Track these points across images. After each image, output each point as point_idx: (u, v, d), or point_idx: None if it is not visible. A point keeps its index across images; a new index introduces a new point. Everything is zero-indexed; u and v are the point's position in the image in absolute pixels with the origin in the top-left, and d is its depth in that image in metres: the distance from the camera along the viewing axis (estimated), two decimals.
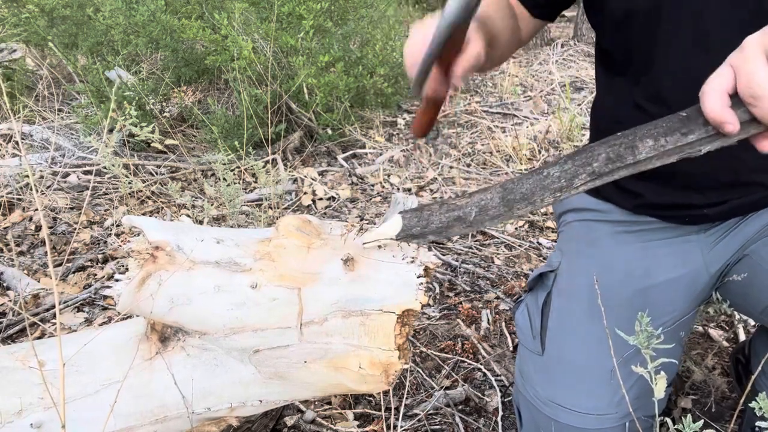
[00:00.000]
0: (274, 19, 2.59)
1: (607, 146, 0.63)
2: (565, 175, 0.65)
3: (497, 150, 2.82)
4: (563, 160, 0.66)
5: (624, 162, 0.62)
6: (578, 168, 0.65)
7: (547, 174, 0.66)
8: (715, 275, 0.98)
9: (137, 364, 0.82)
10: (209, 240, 0.81)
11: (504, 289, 1.77)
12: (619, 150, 0.63)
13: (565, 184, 0.65)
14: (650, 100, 0.88)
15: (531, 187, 0.67)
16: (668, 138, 0.60)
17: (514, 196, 0.68)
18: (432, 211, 0.71)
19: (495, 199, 0.69)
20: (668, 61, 0.84)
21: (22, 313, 1.53)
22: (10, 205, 2.17)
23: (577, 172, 0.65)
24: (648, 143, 0.61)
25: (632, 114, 0.90)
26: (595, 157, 0.64)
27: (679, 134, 0.60)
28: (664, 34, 0.83)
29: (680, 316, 0.96)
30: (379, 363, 0.73)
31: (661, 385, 0.71)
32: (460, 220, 0.70)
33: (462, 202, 0.70)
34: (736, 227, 0.95)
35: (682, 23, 0.81)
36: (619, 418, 0.90)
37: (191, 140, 2.91)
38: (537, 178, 0.67)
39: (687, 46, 0.81)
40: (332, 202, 2.39)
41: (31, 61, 3.64)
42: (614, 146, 0.63)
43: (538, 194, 0.66)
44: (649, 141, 0.61)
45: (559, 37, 5.82)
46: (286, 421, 1.24)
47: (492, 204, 0.69)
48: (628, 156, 0.62)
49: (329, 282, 0.75)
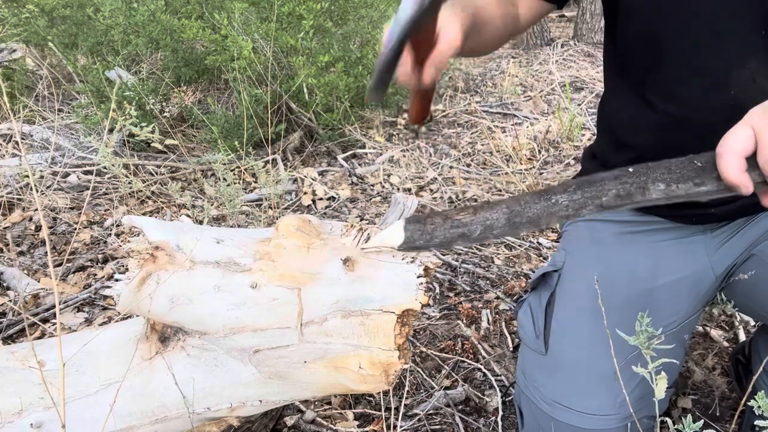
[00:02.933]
0: (274, 19, 2.59)
1: (618, 183, 0.64)
2: (573, 205, 0.66)
3: (497, 150, 2.82)
4: (573, 189, 0.66)
5: (632, 200, 0.63)
6: (587, 200, 0.65)
7: (556, 201, 0.66)
8: (720, 276, 0.97)
9: (137, 364, 0.82)
10: (209, 240, 0.81)
11: (504, 289, 1.77)
12: (630, 189, 0.63)
13: (572, 213, 0.66)
14: (661, 97, 0.87)
15: (538, 212, 0.67)
16: (680, 185, 0.61)
17: (521, 219, 0.68)
18: (436, 225, 0.71)
19: (501, 220, 0.69)
20: (680, 58, 0.83)
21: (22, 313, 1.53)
22: (10, 205, 2.17)
23: (586, 203, 0.65)
24: (659, 187, 0.62)
25: (643, 111, 0.90)
26: (605, 192, 0.65)
27: (691, 183, 0.61)
28: (676, 31, 0.82)
29: (685, 318, 0.96)
30: (379, 363, 0.73)
31: (661, 386, 0.71)
32: (464, 237, 0.70)
33: (467, 219, 0.69)
34: (742, 228, 0.95)
35: (694, 20, 0.80)
36: (621, 419, 0.89)
37: (191, 140, 2.91)
38: (545, 204, 0.67)
39: (700, 43, 0.81)
40: (332, 202, 2.38)
41: (31, 61, 3.64)
42: (625, 184, 0.64)
43: (544, 219, 0.67)
44: (660, 185, 0.62)
45: (559, 37, 5.82)
46: (286, 421, 1.24)
47: (497, 224, 0.69)
48: (638, 195, 0.63)
49: (329, 282, 0.75)
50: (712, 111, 0.82)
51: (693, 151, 0.64)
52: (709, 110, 0.82)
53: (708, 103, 0.82)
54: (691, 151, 0.85)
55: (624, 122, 0.96)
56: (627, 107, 0.96)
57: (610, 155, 0.99)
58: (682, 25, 0.82)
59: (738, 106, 0.79)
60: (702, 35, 0.80)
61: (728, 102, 0.80)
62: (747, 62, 0.78)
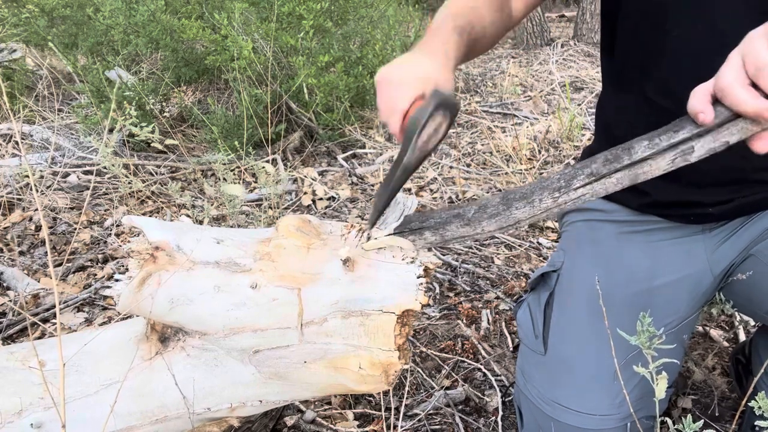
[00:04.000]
0: (274, 19, 2.59)
1: (606, 151, 0.67)
2: (564, 177, 0.68)
3: (497, 150, 2.82)
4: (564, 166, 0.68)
5: (621, 162, 0.66)
6: (577, 170, 0.68)
7: (548, 177, 0.69)
8: (719, 276, 0.97)
9: (137, 364, 0.82)
10: (209, 240, 0.81)
11: (504, 289, 1.77)
12: (617, 152, 0.66)
13: (563, 185, 0.67)
14: (661, 93, 0.87)
15: (530, 188, 0.70)
16: (662, 137, 0.64)
17: (514, 195, 0.70)
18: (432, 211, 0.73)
19: (495, 199, 0.71)
20: (680, 54, 0.84)
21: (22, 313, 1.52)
22: (10, 205, 2.17)
23: (576, 173, 0.68)
24: (643, 143, 0.65)
25: (642, 108, 0.90)
26: (594, 159, 0.67)
27: (671, 132, 0.64)
28: (677, 29, 0.83)
29: (684, 318, 0.96)
30: (379, 363, 0.73)
31: (662, 386, 0.71)
32: (459, 217, 0.72)
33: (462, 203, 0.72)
34: (740, 227, 0.95)
35: (694, 16, 0.81)
36: (620, 419, 0.89)
37: (191, 140, 2.91)
38: (537, 181, 0.70)
39: (699, 39, 0.81)
40: (332, 202, 2.38)
41: (31, 61, 3.64)
42: (612, 150, 0.67)
43: (537, 194, 0.69)
44: (644, 141, 0.65)
45: (559, 37, 5.82)
46: (286, 421, 1.24)
47: (492, 203, 0.71)
48: (625, 156, 0.65)
49: (329, 282, 0.75)
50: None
51: None
52: None
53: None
54: None
55: (621, 120, 0.96)
56: (624, 105, 0.96)
57: None
58: (682, 24, 0.82)
59: None
60: (701, 33, 0.81)
61: None
62: None
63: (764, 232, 0.93)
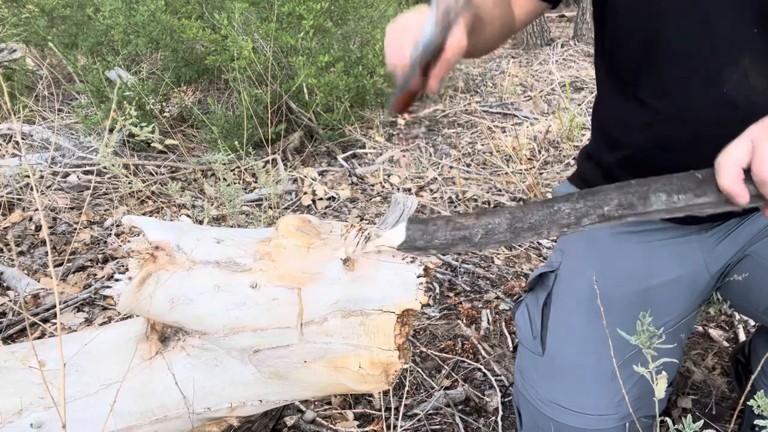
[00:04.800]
0: (274, 19, 2.59)
1: (620, 192, 0.65)
2: (575, 213, 0.67)
3: (497, 150, 2.82)
4: (575, 198, 0.67)
5: (634, 210, 0.65)
6: (589, 209, 0.66)
7: (558, 209, 0.67)
8: (715, 276, 0.98)
9: (137, 364, 0.82)
10: (209, 240, 0.81)
11: (504, 289, 1.77)
12: (632, 199, 0.65)
13: (573, 222, 0.67)
14: (653, 95, 0.87)
15: (540, 219, 0.68)
16: (681, 196, 0.63)
17: (522, 224, 0.69)
18: (438, 227, 0.71)
19: (503, 225, 0.70)
20: (673, 56, 0.83)
21: (22, 313, 1.53)
22: (10, 205, 2.17)
23: (588, 212, 0.66)
24: (661, 197, 0.64)
25: (634, 110, 0.90)
26: (607, 201, 0.66)
27: (692, 194, 0.63)
28: (669, 28, 0.82)
29: (681, 317, 0.96)
30: (379, 363, 0.74)
31: (661, 385, 0.71)
32: (465, 240, 0.70)
33: (469, 222, 0.70)
34: (736, 228, 0.95)
35: (687, 18, 0.80)
36: (619, 419, 0.90)
37: (191, 140, 2.91)
38: (547, 212, 0.68)
39: (693, 41, 0.81)
40: (332, 202, 2.39)
41: (31, 61, 3.64)
42: (627, 194, 0.65)
43: (545, 227, 0.68)
44: (662, 195, 0.64)
45: (559, 37, 5.82)
46: (286, 421, 1.24)
47: (499, 229, 0.69)
48: (639, 206, 0.64)
49: (329, 282, 0.75)
50: (704, 108, 0.81)
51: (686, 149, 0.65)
52: (701, 108, 0.82)
53: (701, 100, 0.82)
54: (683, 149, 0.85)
55: (616, 121, 0.96)
56: (619, 106, 0.96)
57: (603, 155, 0.99)
58: (674, 23, 0.81)
59: (731, 104, 0.79)
60: (695, 33, 0.80)
61: (721, 99, 0.80)
62: (740, 60, 0.78)
63: (760, 233, 0.93)
